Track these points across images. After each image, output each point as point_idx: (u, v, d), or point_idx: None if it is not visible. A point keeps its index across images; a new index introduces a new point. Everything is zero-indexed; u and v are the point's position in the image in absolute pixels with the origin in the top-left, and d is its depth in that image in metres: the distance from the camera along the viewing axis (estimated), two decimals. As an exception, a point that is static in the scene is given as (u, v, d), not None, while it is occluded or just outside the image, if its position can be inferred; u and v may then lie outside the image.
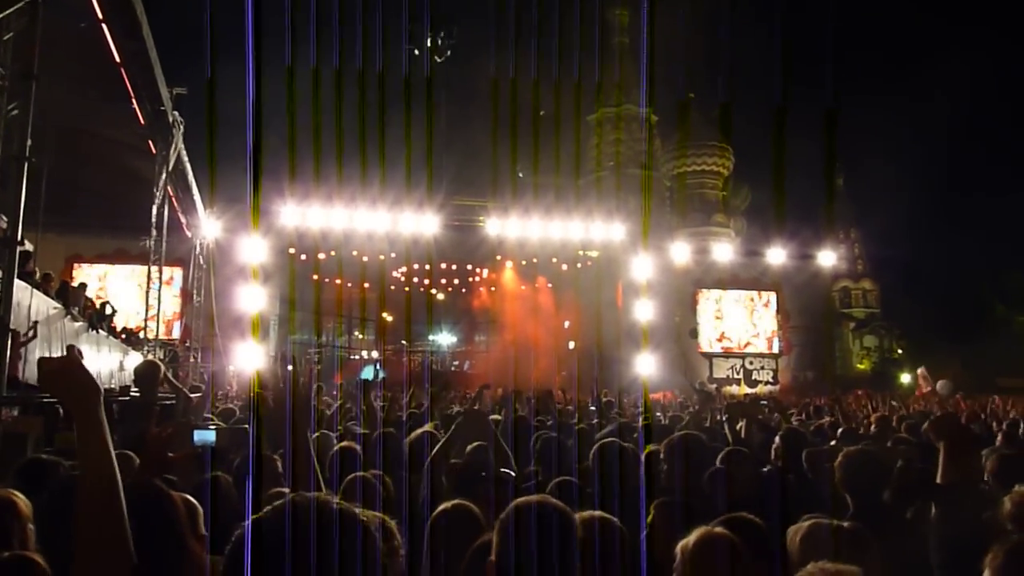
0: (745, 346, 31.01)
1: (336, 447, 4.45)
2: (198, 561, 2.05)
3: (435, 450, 3.72)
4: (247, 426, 5.37)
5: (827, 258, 31.52)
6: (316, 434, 5.14)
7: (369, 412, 6.09)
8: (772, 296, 31.36)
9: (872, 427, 7.48)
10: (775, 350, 31.23)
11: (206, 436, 3.10)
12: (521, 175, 56.28)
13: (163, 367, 6.24)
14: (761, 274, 31.50)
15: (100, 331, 14.09)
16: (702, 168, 53.80)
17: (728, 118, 53.54)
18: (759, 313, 31.28)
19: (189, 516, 2.62)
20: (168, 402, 4.96)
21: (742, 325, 30.95)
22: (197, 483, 2.92)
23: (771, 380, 30.46)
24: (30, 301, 9.91)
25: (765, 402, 6.70)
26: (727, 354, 30.73)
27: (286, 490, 2.28)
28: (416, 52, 27.05)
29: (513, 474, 3.73)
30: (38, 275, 11.59)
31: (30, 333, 9.87)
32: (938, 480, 2.26)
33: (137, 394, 5.76)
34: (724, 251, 32.27)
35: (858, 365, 45.04)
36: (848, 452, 3.22)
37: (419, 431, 4.48)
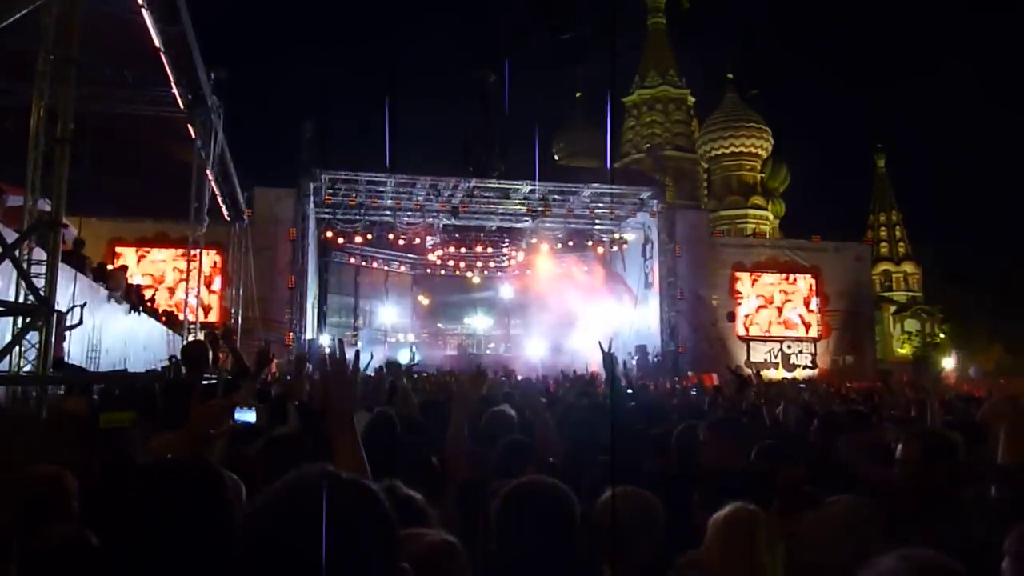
0: (783, 330, 30.67)
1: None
2: None
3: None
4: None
5: (867, 241, 31.04)
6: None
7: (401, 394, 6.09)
8: (811, 279, 30.95)
9: (913, 411, 7.34)
10: (814, 334, 30.85)
11: (247, 415, 3.11)
12: (557, 157, 56.18)
13: (218, 342, 6.33)
14: (800, 257, 31.10)
15: (142, 313, 14.33)
16: (740, 149, 53.18)
17: (767, 98, 52.73)
18: (797, 296, 30.89)
19: (236, 496, 2.64)
20: (211, 382, 5.01)
21: (780, 308, 30.60)
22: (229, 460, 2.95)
23: (809, 364, 30.12)
24: (74, 284, 10.10)
25: (803, 385, 6.62)
26: (765, 338, 30.42)
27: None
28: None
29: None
30: (84, 259, 11.81)
31: (75, 315, 10.08)
32: (999, 461, 2.20)
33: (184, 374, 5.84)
34: (762, 233, 31.89)
35: (899, 349, 44.34)
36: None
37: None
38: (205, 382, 4.99)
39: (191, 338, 15.46)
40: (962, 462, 3.01)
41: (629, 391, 9.06)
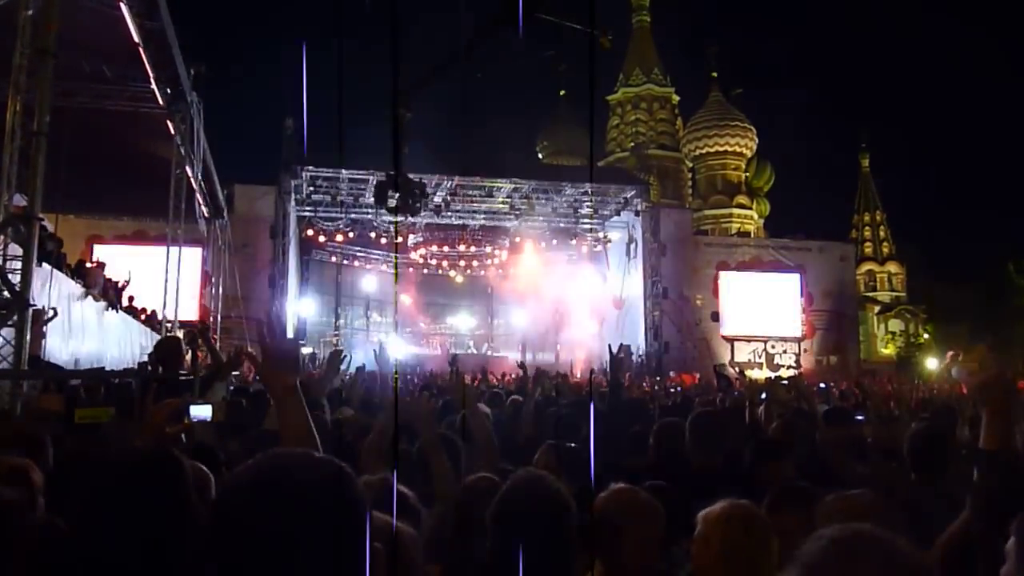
0: (767, 330, 30.84)
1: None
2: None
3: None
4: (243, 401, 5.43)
5: (852, 241, 31.31)
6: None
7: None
8: (795, 278, 31.16)
9: (895, 410, 7.45)
10: (798, 333, 31.06)
11: (202, 411, 3.11)
12: (541, 156, 56.24)
13: (197, 340, 6.33)
14: (784, 256, 31.32)
15: (119, 311, 14.25)
16: (725, 148, 53.42)
17: (751, 97, 53.04)
18: (782, 296, 31.08)
19: (201, 486, 2.66)
20: (186, 378, 5.02)
21: (764, 308, 30.77)
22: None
23: (793, 364, 30.31)
24: (50, 281, 10.04)
25: (785, 381, 6.68)
26: (749, 338, 30.59)
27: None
28: None
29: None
30: (59, 256, 11.73)
31: (51, 313, 10.01)
32: (981, 445, 2.24)
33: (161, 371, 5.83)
34: (747, 233, 32.08)
35: (883, 350, 44.67)
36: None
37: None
38: (182, 379, 5.00)
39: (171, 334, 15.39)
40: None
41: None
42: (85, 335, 11.89)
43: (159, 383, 3.98)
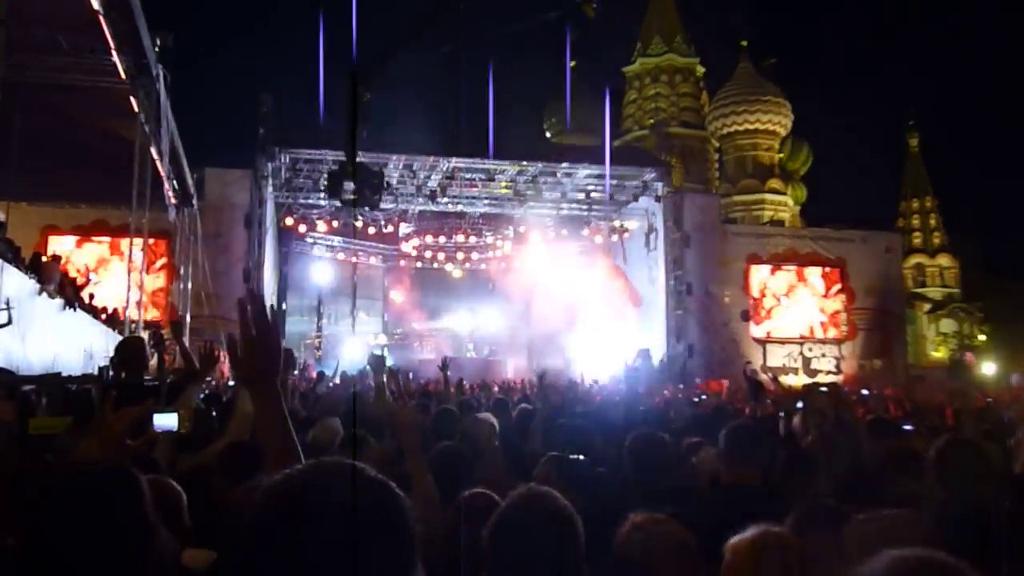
0: (803, 331, 30.81)
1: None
2: (166, 556, 2.10)
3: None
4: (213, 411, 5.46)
5: (899, 230, 31.23)
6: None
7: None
8: (835, 273, 31.12)
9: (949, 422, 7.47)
10: (838, 335, 31.03)
11: (167, 420, 3.12)
12: (549, 134, 56.21)
13: (163, 341, 6.33)
14: (823, 247, 31.26)
15: (78, 309, 14.28)
16: (756, 126, 53.35)
17: (786, 68, 52.86)
18: (820, 292, 31.03)
19: (172, 506, 2.69)
20: (151, 384, 5.04)
21: (800, 306, 30.74)
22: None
23: (833, 369, 30.29)
24: (0, 276, 10.07)
25: (824, 388, 6.68)
26: (783, 340, 30.57)
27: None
28: None
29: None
30: (13, 249, 11.77)
31: (4, 318, 10.02)
32: (1017, 471, 2.23)
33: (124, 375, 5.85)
34: (780, 221, 32.03)
35: (933, 353, 44.63)
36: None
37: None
38: (147, 384, 5.02)
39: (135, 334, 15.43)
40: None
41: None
42: (39, 336, 11.92)
43: (120, 389, 4.00)
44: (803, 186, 55.67)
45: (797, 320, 30.72)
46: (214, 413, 5.65)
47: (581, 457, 3.81)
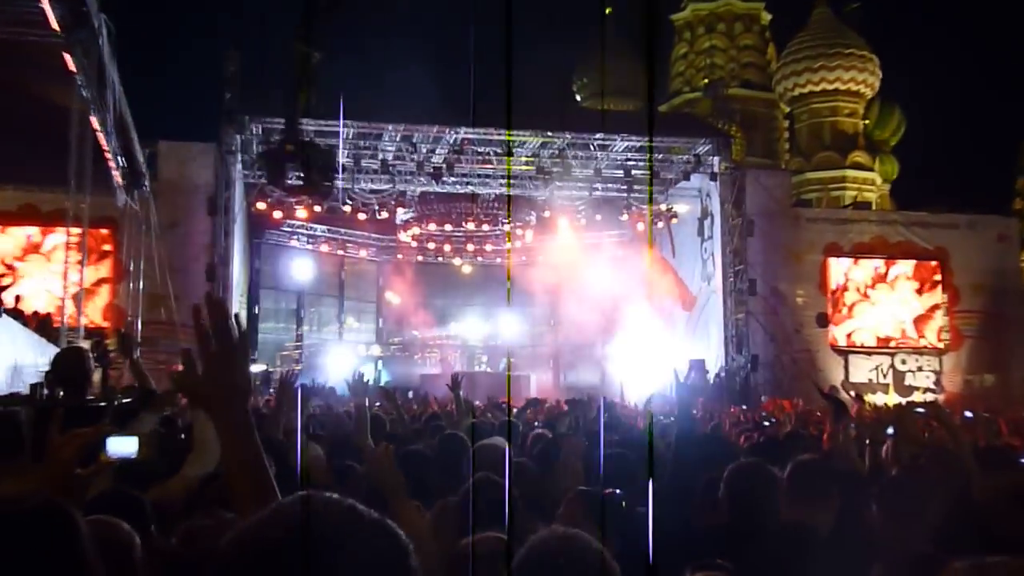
0: (895, 338, 30.65)
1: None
2: None
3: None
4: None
5: (1015, 214, 30.96)
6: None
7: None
8: (934, 267, 30.93)
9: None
10: (938, 344, 30.84)
11: (123, 445, 3.12)
12: (579, 98, 56.20)
13: (108, 353, 6.35)
14: (919, 236, 31.06)
15: (3, 315, 14.36)
16: (836, 86, 53.08)
17: (873, 14, 52.60)
18: (916, 292, 30.87)
19: (121, 552, 2.69)
20: (96, 405, 5.05)
21: (891, 308, 30.57)
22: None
23: (932, 386, 30.06)
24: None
25: (921, 410, 6.62)
26: (870, 350, 30.41)
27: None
28: None
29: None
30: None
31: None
32: None
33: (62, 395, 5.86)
34: (867, 203, 31.86)
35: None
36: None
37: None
38: (90, 405, 5.04)
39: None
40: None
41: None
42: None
43: (57, 411, 4.00)
44: (894, 160, 55.39)
45: (886, 324, 30.51)
46: (183, 436, 5.66)
47: (617, 492, 3.80)
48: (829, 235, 30.65)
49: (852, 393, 23.39)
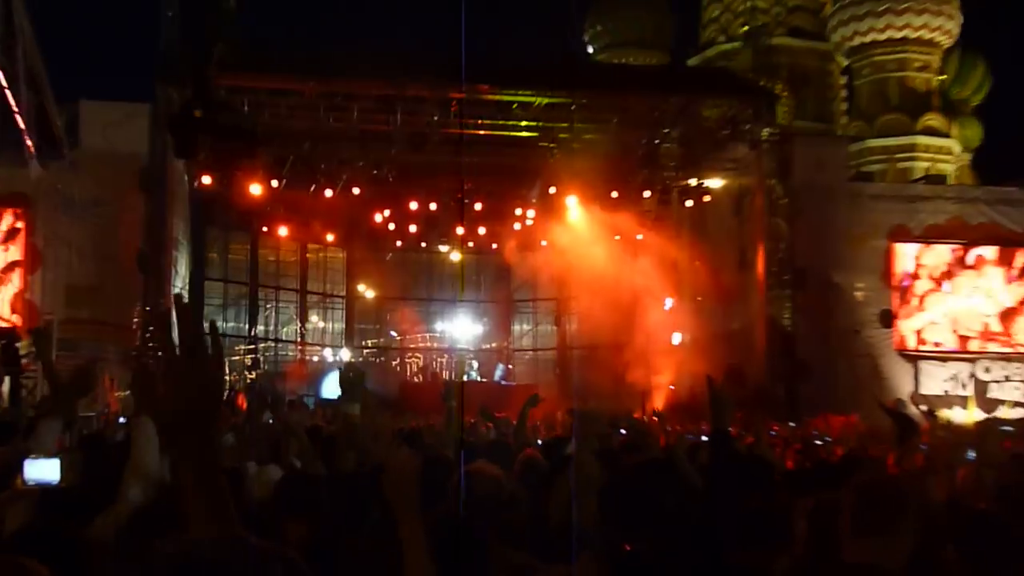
0: (976, 337, 30.68)
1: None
2: None
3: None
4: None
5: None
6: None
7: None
8: (1024, 255, 30.99)
9: None
10: (1029, 347, 30.90)
11: (44, 469, 3.12)
12: (592, 50, 56.14)
13: (17, 355, 6.37)
14: (1006, 216, 31.07)
15: None
16: (904, 35, 52.98)
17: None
18: (1004, 285, 30.90)
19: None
20: (4, 421, 5.06)
21: (973, 305, 30.60)
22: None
23: (1022, 399, 30.09)
24: None
25: (1010, 428, 6.64)
26: (945, 355, 30.43)
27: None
28: None
29: None
30: None
31: None
32: None
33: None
34: (942, 177, 31.84)
35: None
36: None
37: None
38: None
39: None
40: None
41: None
42: None
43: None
44: (976, 123, 55.26)
45: (966, 319, 30.50)
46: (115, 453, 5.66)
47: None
48: (895, 216, 30.60)
49: (923, 408, 23.45)
